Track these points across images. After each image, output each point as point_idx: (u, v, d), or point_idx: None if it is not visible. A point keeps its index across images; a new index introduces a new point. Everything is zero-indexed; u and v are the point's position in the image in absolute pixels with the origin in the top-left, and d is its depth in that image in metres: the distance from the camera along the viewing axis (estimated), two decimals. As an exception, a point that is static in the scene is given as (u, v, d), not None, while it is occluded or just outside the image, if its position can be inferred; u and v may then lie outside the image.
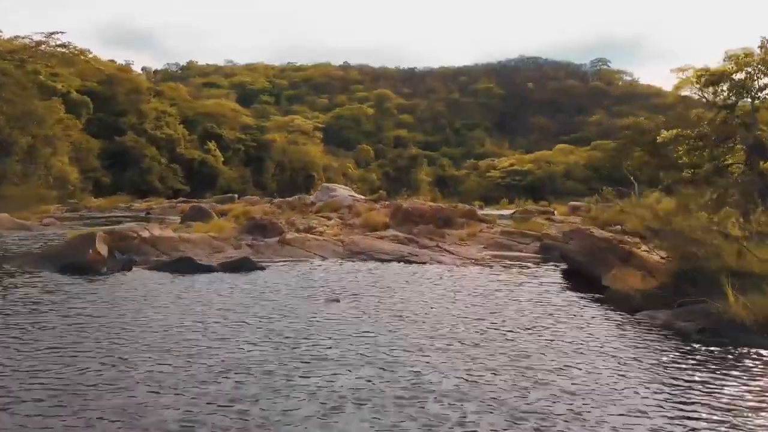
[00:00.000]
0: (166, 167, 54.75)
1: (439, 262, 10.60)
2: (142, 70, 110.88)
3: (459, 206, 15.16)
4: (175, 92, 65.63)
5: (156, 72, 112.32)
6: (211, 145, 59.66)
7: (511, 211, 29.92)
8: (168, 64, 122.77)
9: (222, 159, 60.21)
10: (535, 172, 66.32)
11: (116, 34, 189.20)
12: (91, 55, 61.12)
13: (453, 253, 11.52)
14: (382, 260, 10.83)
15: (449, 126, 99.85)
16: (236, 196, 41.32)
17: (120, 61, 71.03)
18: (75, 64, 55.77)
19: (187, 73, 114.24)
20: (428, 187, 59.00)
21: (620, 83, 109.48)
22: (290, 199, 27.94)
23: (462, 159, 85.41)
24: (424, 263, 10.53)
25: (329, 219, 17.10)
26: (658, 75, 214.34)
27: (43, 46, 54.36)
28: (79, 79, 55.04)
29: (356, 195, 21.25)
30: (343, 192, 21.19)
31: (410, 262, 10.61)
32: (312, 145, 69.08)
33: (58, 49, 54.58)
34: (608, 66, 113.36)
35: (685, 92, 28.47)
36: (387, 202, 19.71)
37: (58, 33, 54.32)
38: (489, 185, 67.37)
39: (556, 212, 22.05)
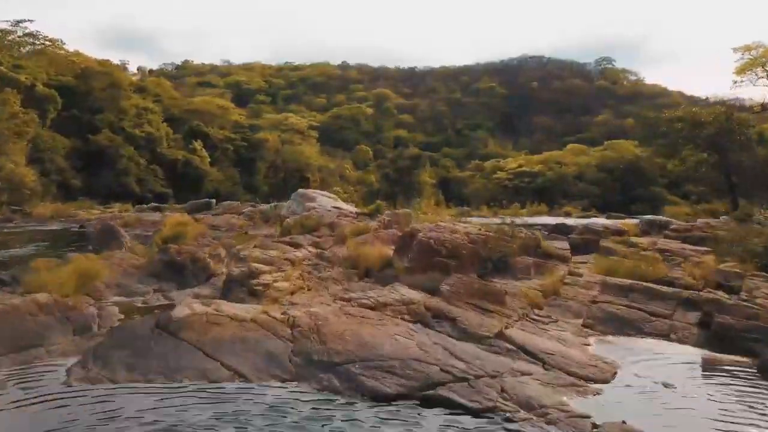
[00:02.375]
0: (145, 168, 48.06)
1: (529, 409, 3.93)
2: (137, 69, 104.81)
3: (514, 230, 8.33)
4: (159, 88, 58.89)
5: (151, 71, 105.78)
6: (197, 144, 52.93)
7: (541, 220, 23.08)
8: (164, 63, 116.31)
9: (208, 159, 53.51)
10: (545, 173, 59.50)
11: (116, 36, 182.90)
12: (71, 49, 54.89)
13: (539, 359, 4.87)
14: (381, 396, 4.17)
15: (451, 126, 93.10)
16: (214, 201, 34.61)
17: (116, 61, 64.54)
18: (45, 55, 49.32)
19: (182, 72, 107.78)
20: (432, 190, 52.22)
21: (626, 83, 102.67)
22: (264, 207, 21.28)
23: (465, 160, 78.76)
24: (491, 409, 3.88)
25: (298, 247, 10.46)
26: (658, 77, 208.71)
27: (11, 36, 48.10)
28: (48, 71, 48.36)
29: (343, 206, 14.42)
30: (324, 201, 14.34)
31: (456, 409, 3.96)
32: (307, 145, 62.33)
33: (27, 39, 48.42)
34: (613, 65, 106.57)
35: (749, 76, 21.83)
36: (388, 218, 13.07)
37: (26, 21, 48.04)
38: (495, 188, 60.58)
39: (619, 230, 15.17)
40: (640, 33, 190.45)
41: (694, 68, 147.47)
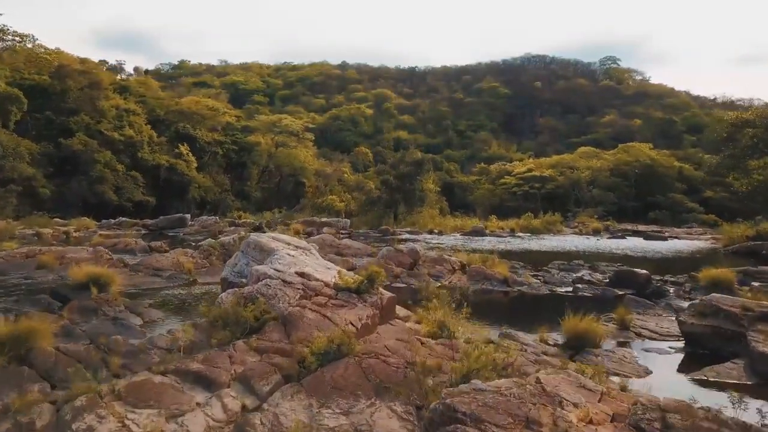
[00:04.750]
0: (123, 175, 42.51)
1: None
2: (134, 70, 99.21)
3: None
4: (143, 88, 53.29)
5: (147, 72, 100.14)
6: (183, 148, 47.36)
7: (567, 241, 17.60)
8: (161, 64, 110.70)
9: (195, 164, 47.96)
10: (556, 178, 53.90)
11: (114, 36, 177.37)
12: (71, 51, 49.46)
13: None
14: None
15: (452, 127, 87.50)
16: (188, 216, 29.19)
17: (112, 61, 59.19)
18: (17, 52, 43.78)
19: (178, 72, 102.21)
20: (435, 197, 46.70)
21: (631, 82, 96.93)
22: (227, 239, 15.78)
23: (467, 162, 73.37)
24: None
25: (209, 384, 4.97)
26: (659, 78, 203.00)
27: (-22, 31, 42.68)
28: (23, 70, 42.81)
29: (316, 270, 8.75)
30: (286, 259, 8.68)
31: None
32: (303, 148, 56.76)
33: (-6, 34, 42.93)
34: (618, 64, 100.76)
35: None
36: (387, 296, 7.63)
37: (-5, 15, 42.66)
38: (503, 193, 55.10)
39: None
40: (640, 35, 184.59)
41: (693, 68, 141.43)
